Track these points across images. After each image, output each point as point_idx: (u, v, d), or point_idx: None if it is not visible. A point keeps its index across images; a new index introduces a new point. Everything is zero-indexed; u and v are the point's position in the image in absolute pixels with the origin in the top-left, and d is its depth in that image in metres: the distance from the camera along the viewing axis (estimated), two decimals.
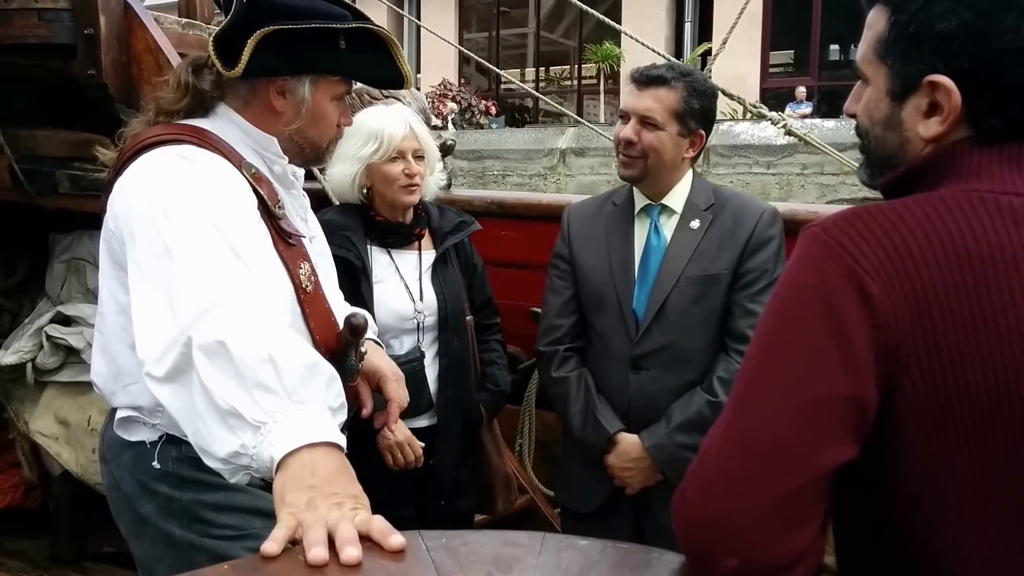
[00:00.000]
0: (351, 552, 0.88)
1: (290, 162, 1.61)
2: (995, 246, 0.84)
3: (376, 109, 2.35)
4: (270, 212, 1.48)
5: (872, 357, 0.84)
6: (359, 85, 2.78)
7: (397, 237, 2.29)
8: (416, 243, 2.31)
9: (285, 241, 1.50)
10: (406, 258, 2.29)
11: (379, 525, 0.94)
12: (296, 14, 1.47)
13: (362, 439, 1.96)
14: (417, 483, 2.24)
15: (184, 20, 2.81)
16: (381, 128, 2.21)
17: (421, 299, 2.25)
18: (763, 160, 11.24)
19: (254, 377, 1.11)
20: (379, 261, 2.26)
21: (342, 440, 1.09)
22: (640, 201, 2.11)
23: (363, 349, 1.63)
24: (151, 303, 1.26)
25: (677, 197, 2.08)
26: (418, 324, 2.24)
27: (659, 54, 2.49)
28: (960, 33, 0.89)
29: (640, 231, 2.10)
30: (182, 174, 1.37)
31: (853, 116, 1.04)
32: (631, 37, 3.28)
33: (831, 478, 0.86)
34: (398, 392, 1.69)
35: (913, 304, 0.83)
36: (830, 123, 10.64)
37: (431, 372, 2.25)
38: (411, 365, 2.15)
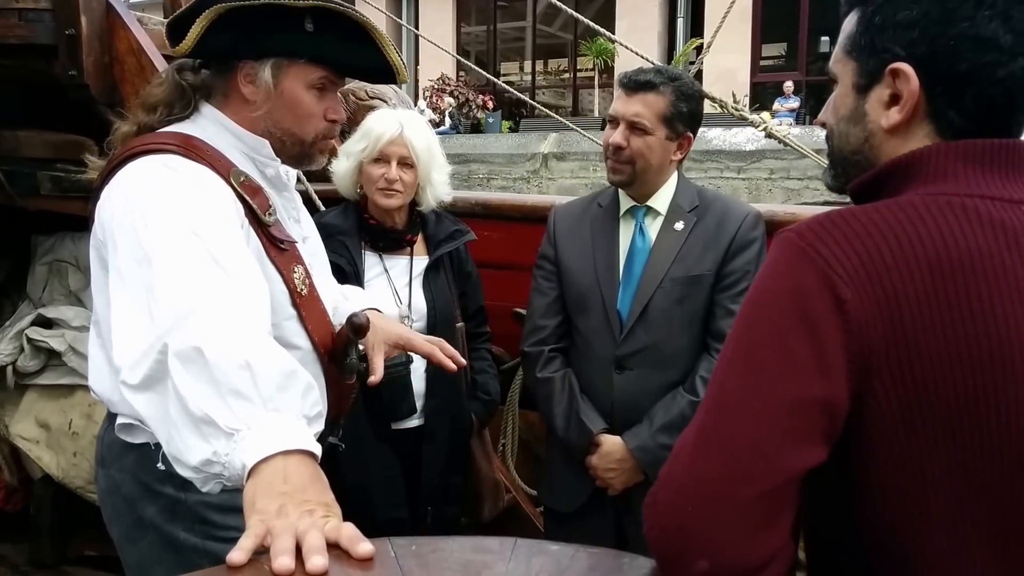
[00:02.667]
0: (317, 561, 0.87)
1: (283, 163, 1.58)
2: (964, 251, 0.84)
3: (387, 110, 2.32)
4: (260, 220, 1.46)
5: (844, 361, 0.84)
6: (352, 84, 2.76)
7: (388, 242, 2.28)
8: (407, 248, 2.30)
9: (277, 247, 1.49)
10: (396, 262, 2.28)
11: (348, 532, 0.93)
12: None
13: (356, 444, 1.94)
14: (406, 488, 2.23)
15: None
16: (373, 127, 2.22)
17: (409, 305, 2.24)
18: (733, 165, 11.85)
19: (230, 384, 1.10)
20: (370, 264, 2.26)
21: (317, 449, 1.08)
22: (625, 203, 2.11)
23: (362, 349, 1.62)
24: (129, 310, 1.25)
25: (662, 199, 2.08)
26: None
27: (645, 59, 2.50)
28: (920, 20, 0.90)
29: (625, 232, 2.10)
30: (164, 183, 1.36)
31: (823, 126, 1.04)
32: (621, 44, 3.29)
33: (802, 479, 0.86)
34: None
35: (885, 309, 0.83)
36: (796, 131, 11.34)
37: (419, 378, 2.23)
38: (396, 370, 2.13)
